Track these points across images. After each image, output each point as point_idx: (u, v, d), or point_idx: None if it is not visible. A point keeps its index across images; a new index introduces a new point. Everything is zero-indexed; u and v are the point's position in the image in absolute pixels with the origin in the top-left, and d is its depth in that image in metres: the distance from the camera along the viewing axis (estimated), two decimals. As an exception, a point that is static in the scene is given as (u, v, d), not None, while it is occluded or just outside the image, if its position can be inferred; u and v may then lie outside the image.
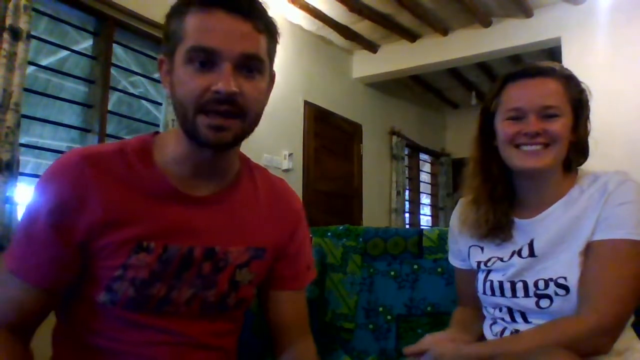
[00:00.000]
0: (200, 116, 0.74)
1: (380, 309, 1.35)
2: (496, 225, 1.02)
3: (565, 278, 0.91)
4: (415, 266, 1.37)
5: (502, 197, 1.03)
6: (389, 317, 1.33)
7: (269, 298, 0.95)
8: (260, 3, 0.80)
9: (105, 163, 0.79)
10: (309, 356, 0.95)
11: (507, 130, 0.98)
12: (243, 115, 0.76)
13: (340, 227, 1.49)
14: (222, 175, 0.87)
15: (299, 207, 1.00)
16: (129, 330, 0.80)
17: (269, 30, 0.80)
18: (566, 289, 0.90)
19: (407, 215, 5.90)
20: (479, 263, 1.05)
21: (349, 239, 1.45)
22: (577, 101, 1.00)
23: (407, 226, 5.87)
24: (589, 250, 0.91)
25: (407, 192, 5.91)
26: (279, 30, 0.84)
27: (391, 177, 5.60)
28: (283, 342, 0.95)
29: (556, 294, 0.91)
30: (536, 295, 0.93)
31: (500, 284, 0.98)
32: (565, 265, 0.92)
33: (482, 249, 1.05)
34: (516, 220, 1.02)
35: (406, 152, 5.97)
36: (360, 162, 5.23)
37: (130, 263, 0.78)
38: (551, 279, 0.92)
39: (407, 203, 5.91)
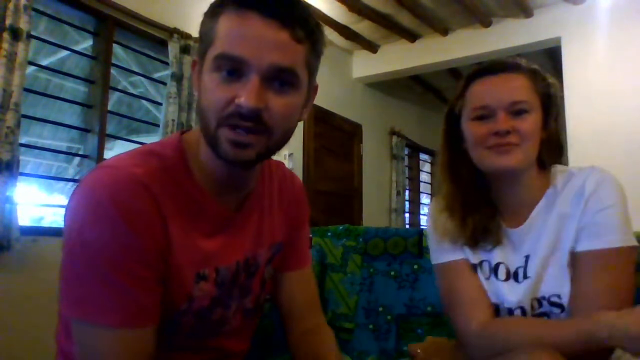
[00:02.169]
0: (222, 129, 0.68)
1: (380, 309, 1.35)
2: (476, 234, 0.96)
3: (558, 296, 0.88)
4: (415, 266, 1.36)
5: (476, 203, 0.97)
6: (389, 317, 1.33)
7: (278, 281, 0.94)
8: (304, 7, 0.71)
9: (159, 183, 0.70)
10: (323, 332, 0.93)
11: (476, 130, 0.92)
12: (268, 132, 0.69)
13: (340, 227, 1.49)
14: (248, 186, 0.84)
15: (301, 191, 0.99)
16: (174, 353, 0.78)
17: (311, 38, 0.71)
18: (560, 307, 0.88)
19: (407, 215, 5.90)
20: (474, 265, 0.99)
21: (349, 239, 1.45)
22: (546, 96, 0.95)
23: (407, 226, 5.87)
24: (575, 260, 0.88)
25: (407, 192, 5.91)
26: (325, 39, 0.75)
27: (391, 177, 5.60)
28: (293, 322, 0.93)
29: (551, 311, 0.89)
30: (533, 315, 0.91)
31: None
32: (555, 281, 0.89)
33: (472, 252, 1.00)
34: (503, 226, 0.97)
35: (406, 152, 5.98)
36: (360, 162, 5.23)
37: (194, 295, 0.74)
38: (543, 297, 0.90)
39: (407, 203, 5.91)
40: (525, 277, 0.92)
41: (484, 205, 0.98)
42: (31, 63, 2.54)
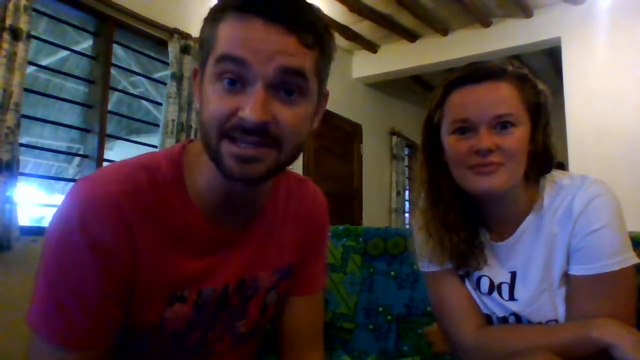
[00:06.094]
0: (224, 143, 0.62)
1: (380, 309, 1.35)
2: (454, 257, 0.90)
3: (555, 321, 0.86)
4: (415, 266, 1.36)
5: (455, 223, 0.90)
6: (389, 317, 1.33)
7: (281, 304, 0.89)
8: (312, 10, 0.65)
9: (141, 201, 0.66)
10: None
11: (456, 148, 0.84)
12: (278, 145, 0.63)
13: (340, 227, 1.49)
14: (254, 205, 0.77)
15: (324, 213, 0.93)
16: None
17: (320, 44, 0.65)
18: (556, 321, 0.86)
19: (407, 215, 5.90)
20: (461, 275, 0.95)
21: (349, 239, 1.45)
22: (535, 105, 0.85)
23: (407, 226, 5.86)
24: (569, 281, 0.84)
25: (407, 192, 5.91)
26: (335, 45, 0.70)
27: (391, 177, 5.60)
28: (287, 350, 0.87)
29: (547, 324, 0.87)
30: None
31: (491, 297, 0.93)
32: (551, 308, 0.86)
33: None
34: (488, 239, 0.92)
35: (406, 152, 5.98)
36: (360, 162, 5.23)
37: (165, 317, 0.70)
38: (540, 323, 0.87)
39: (407, 203, 5.91)
40: (512, 297, 0.89)
41: (464, 225, 0.91)
42: (31, 63, 2.54)
